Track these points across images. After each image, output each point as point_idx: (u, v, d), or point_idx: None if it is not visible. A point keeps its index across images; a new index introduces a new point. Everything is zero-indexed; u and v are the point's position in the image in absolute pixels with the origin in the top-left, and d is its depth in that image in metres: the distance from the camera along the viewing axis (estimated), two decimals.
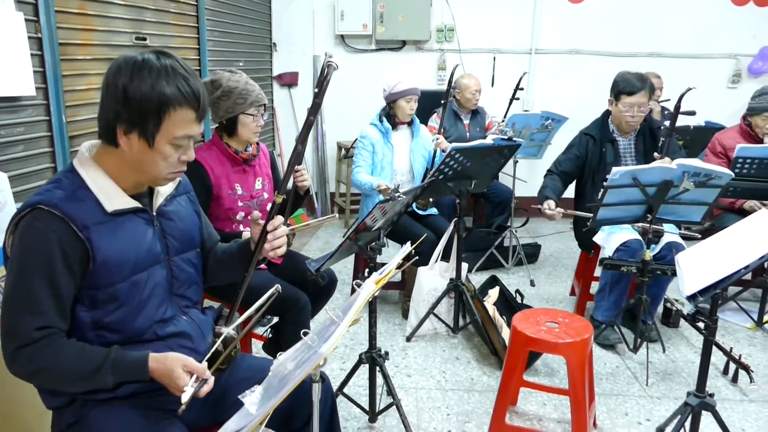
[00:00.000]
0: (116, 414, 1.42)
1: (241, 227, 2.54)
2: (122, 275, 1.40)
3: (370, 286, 1.32)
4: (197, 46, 3.89)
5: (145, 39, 3.21)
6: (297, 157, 1.59)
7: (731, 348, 2.84)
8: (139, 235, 1.45)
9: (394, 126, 3.57)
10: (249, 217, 1.65)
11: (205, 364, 1.41)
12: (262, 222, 1.60)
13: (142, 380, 1.39)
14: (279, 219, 1.60)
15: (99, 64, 2.83)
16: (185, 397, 1.32)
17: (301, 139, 1.56)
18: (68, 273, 1.33)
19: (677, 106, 2.96)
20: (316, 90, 1.54)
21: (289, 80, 5.73)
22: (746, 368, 2.75)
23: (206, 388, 1.38)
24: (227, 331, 1.52)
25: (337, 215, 2.19)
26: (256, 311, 1.51)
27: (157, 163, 1.39)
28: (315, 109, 1.57)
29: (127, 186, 1.43)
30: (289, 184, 2.60)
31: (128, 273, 1.41)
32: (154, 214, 1.51)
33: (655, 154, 3.04)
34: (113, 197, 1.40)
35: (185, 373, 1.36)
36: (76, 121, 2.68)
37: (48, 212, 1.31)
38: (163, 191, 1.54)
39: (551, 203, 3.14)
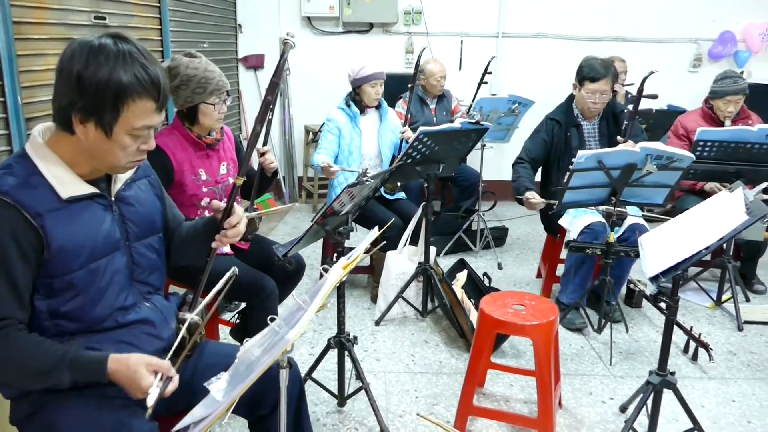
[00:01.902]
0: (76, 404, 1.39)
1: (206, 213, 2.50)
2: (79, 263, 1.36)
3: (338, 272, 1.31)
4: (159, 27, 3.79)
5: (104, 18, 3.11)
6: (256, 137, 1.57)
7: (691, 327, 2.92)
8: (96, 221, 1.41)
9: (362, 110, 3.54)
10: (211, 204, 1.62)
11: (169, 361, 1.36)
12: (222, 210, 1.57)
13: (100, 381, 1.34)
14: (237, 216, 1.56)
15: (56, 43, 2.73)
16: (151, 400, 1.27)
17: (259, 119, 1.54)
18: (23, 262, 1.29)
19: (640, 89, 3.01)
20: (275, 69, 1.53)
21: (255, 63, 5.64)
22: (706, 346, 2.83)
23: (171, 387, 1.33)
24: (191, 317, 1.49)
25: (296, 204, 2.17)
26: (216, 295, 1.49)
27: (116, 153, 1.35)
28: (272, 88, 1.54)
29: (84, 172, 1.39)
30: (255, 166, 2.58)
31: (85, 260, 1.37)
32: (113, 199, 1.47)
33: (618, 137, 3.08)
34: (68, 184, 1.35)
35: (150, 373, 1.31)
36: (32, 102, 2.59)
37: None
38: (122, 176, 1.50)
39: (534, 194, 3.15)
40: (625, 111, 3.33)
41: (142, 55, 1.31)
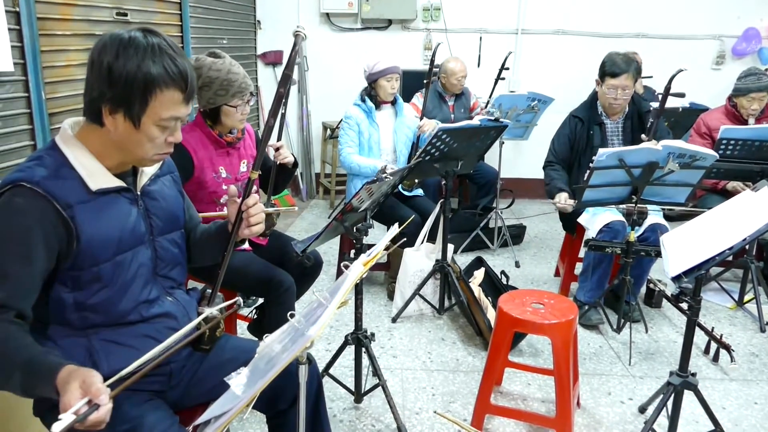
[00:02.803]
0: None
1: (225, 210, 2.51)
2: (106, 255, 1.38)
3: (358, 268, 1.31)
4: (179, 23, 3.81)
5: (126, 15, 3.14)
6: (269, 131, 1.56)
7: (712, 328, 2.88)
8: (124, 214, 1.42)
9: (378, 105, 3.54)
10: (228, 189, 1.62)
11: (107, 390, 1.14)
12: (238, 200, 1.57)
13: (48, 391, 1.18)
14: (254, 197, 1.57)
15: (79, 39, 2.76)
16: (56, 427, 1.04)
17: (273, 113, 1.53)
18: (45, 253, 1.30)
19: (667, 88, 2.95)
20: (286, 66, 1.52)
21: (274, 59, 5.65)
22: (727, 348, 2.79)
23: (94, 417, 1.10)
24: (210, 311, 1.50)
25: (296, 207, 2.17)
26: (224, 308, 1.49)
27: (143, 145, 1.36)
28: (284, 80, 1.54)
29: (111, 165, 1.40)
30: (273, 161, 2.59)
31: (112, 253, 1.39)
32: (138, 193, 1.48)
33: (643, 135, 3.04)
34: (97, 176, 1.37)
35: (79, 392, 1.12)
36: (55, 97, 2.62)
37: (30, 190, 1.28)
38: (148, 171, 1.52)
39: (565, 195, 3.13)
40: (651, 109, 3.28)
41: (170, 47, 1.34)
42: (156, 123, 1.34)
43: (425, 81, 3.54)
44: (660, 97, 2.99)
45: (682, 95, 3.06)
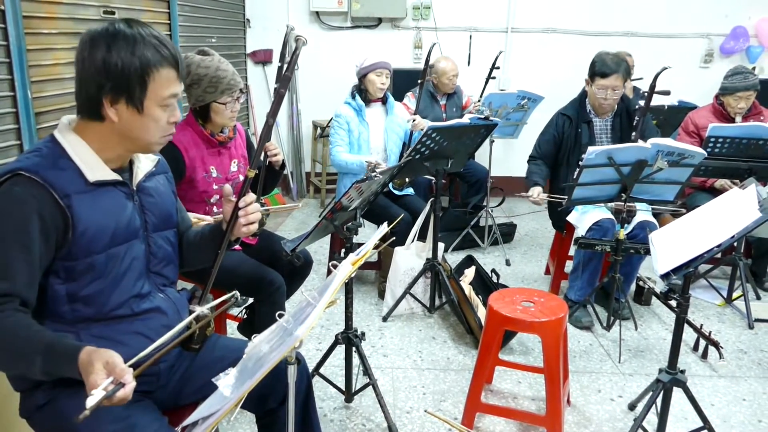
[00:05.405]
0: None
1: (215, 209, 2.50)
2: (101, 246, 1.39)
3: (347, 268, 1.30)
4: (168, 22, 3.79)
5: (113, 13, 3.11)
6: (269, 131, 1.56)
7: (701, 325, 2.88)
8: (119, 207, 1.44)
9: (367, 103, 3.53)
10: (223, 192, 1.61)
11: (130, 370, 1.19)
12: (233, 198, 1.56)
13: (71, 373, 1.23)
14: (251, 196, 1.57)
15: (65, 38, 2.74)
16: (89, 401, 1.08)
17: (272, 113, 1.53)
18: (44, 242, 1.32)
19: (652, 86, 2.97)
20: (281, 64, 1.52)
21: (264, 57, 5.63)
22: (716, 345, 2.80)
23: (120, 394, 1.15)
24: (200, 309, 1.49)
25: (300, 204, 2.16)
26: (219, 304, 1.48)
27: (149, 128, 1.40)
28: (285, 82, 1.54)
29: (110, 158, 1.43)
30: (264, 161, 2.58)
31: (107, 244, 1.40)
32: (135, 188, 1.50)
33: (633, 135, 3.05)
34: (95, 168, 1.39)
35: (103, 372, 1.17)
36: (42, 97, 2.60)
37: (28, 179, 1.30)
38: (143, 167, 1.54)
39: (538, 189, 3.19)
40: (637, 107, 3.30)
41: (154, 33, 1.39)
42: (158, 104, 1.38)
43: (419, 81, 3.53)
44: (645, 95, 3.00)
45: (667, 93, 3.08)
